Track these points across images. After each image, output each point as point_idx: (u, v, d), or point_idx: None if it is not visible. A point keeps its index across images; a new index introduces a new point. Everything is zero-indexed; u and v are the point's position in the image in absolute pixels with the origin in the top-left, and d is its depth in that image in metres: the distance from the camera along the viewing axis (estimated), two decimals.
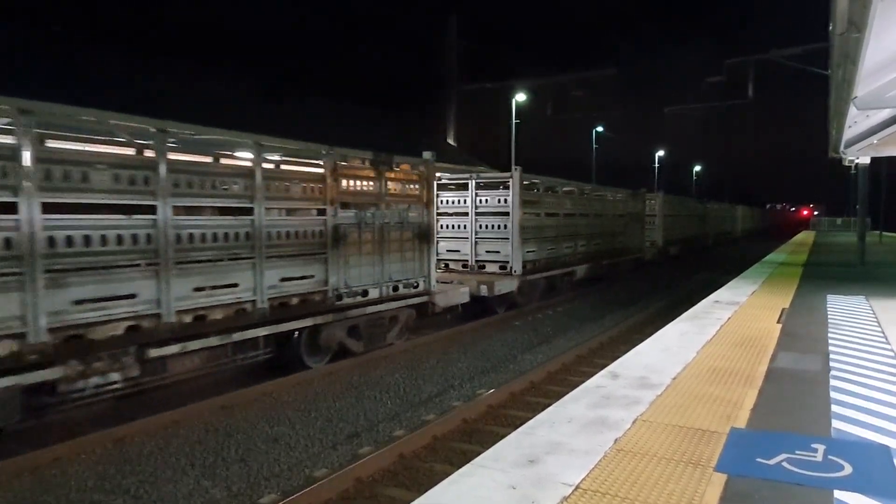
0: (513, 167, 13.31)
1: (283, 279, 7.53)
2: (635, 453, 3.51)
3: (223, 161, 7.20)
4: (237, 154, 7.54)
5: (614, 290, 17.43)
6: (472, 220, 13.37)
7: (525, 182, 13.40)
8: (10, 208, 5.12)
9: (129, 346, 5.93)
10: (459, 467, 3.39)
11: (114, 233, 5.83)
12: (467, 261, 13.43)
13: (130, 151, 6.27)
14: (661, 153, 56.55)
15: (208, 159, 7.08)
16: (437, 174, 10.49)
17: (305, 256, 7.83)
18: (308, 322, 7.88)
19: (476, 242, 13.42)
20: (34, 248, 5.22)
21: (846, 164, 16.88)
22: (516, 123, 30.12)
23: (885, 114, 9.94)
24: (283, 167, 8.06)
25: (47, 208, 5.32)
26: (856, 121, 10.70)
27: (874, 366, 5.42)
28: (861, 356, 5.77)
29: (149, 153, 6.24)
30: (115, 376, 5.89)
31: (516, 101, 30.19)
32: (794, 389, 4.75)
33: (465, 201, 13.44)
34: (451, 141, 36.22)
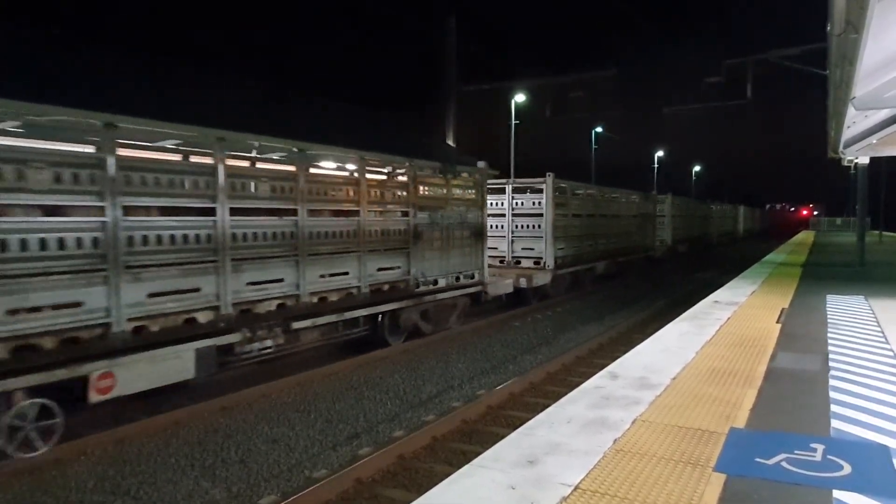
0: (547, 175, 14.73)
1: (379, 269, 9.21)
2: (634, 453, 3.51)
3: (335, 172, 8.88)
4: (347, 166, 9.11)
5: (614, 291, 17.44)
6: (509, 220, 15.02)
7: (561, 191, 15.35)
8: (210, 212, 6.70)
9: (278, 319, 7.54)
10: (459, 468, 3.39)
11: (271, 231, 7.49)
12: (504, 257, 14.96)
13: (285, 167, 8.02)
14: (660, 153, 56.67)
15: (330, 171, 8.79)
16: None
17: (394, 251, 9.54)
18: (395, 305, 9.50)
19: (512, 240, 15.10)
20: (225, 242, 6.83)
21: (845, 164, 16.90)
22: (516, 124, 30.14)
23: (883, 114, 9.95)
24: (378, 176, 9.53)
25: (233, 212, 6.92)
26: (854, 121, 10.71)
27: (874, 366, 5.43)
28: (860, 356, 5.78)
29: (290, 168, 7.93)
30: (268, 343, 7.52)
31: (515, 102, 30.22)
32: (793, 389, 4.75)
33: (502, 204, 14.96)
34: (450, 141, 36.27)
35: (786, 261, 17.91)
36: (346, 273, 8.55)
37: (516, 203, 15.04)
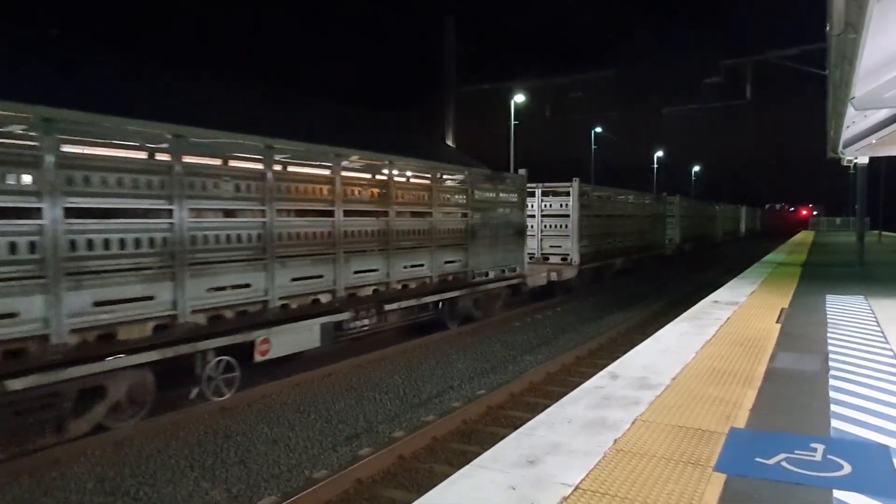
0: (573, 180, 16.47)
1: (445, 262, 10.83)
2: (635, 453, 3.51)
3: (413, 180, 10.49)
4: (424, 174, 10.84)
5: (614, 291, 17.44)
6: (539, 220, 16.61)
7: (586, 194, 17.16)
8: (329, 213, 8.29)
9: (374, 302, 9.15)
10: (459, 468, 3.39)
11: (370, 229, 9.08)
12: (534, 253, 16.35)
13: (380, 177, 9.54)
14: (659, 154, 56.70)
15: (412, 180, 10.45)
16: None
17: (456, 246, 11.19)
18: (456, 293, 11.11)
19: (541, 238, 16.70)
20: (339, 238, 8.44)
21: (845, 164, 16.91)
22: (515, 125, 30.15)
23: (883, 114, 9.96)
24: (447, 184, 11.38)
25: (345, 213, 8.51)
26: (854, 121, 10.72)
27: (873, 365, 5.43)
28: (860, 356, 5.78)
29: (384, 178, 9.48)
30: (366, 321, 9.13)
31: (515, 103, 30.22)
32: (793, 389, 4.75)
33: (532, 205, 16.23)
34: (449, 142, 36.25)
35: (785, 261, 17.91)
36: (422, 265, 10.27)
37: (545, 205, 16.66)
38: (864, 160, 15.62)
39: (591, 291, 16.98)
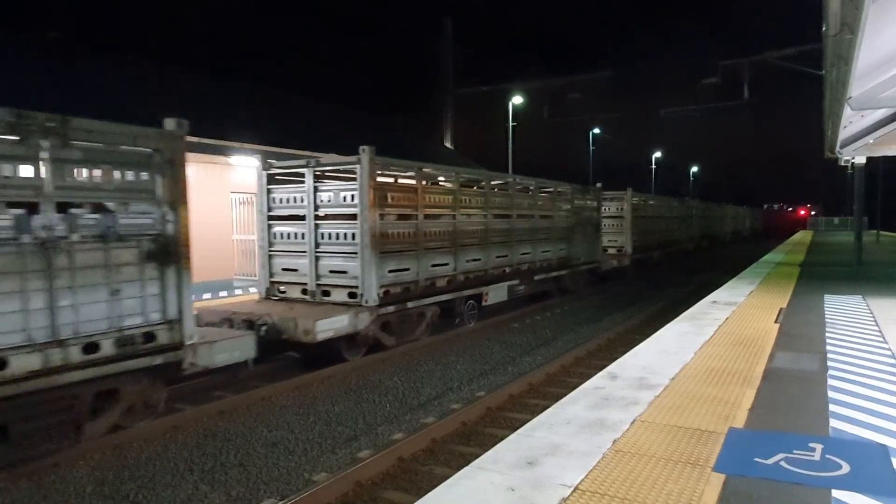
0: (627, 189, 20.73)
1: (560, 249, 15.41)
2: (634, 454, 3.51)
3: (542, 193, 15.01)
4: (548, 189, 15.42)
5: (613, 292, 17.45)
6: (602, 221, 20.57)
7: (634, 199, 21.46)
8: (509, 217, 13.04)
9: (527, 274, 13.66)
10: (458, 470, 3.39)
11: (525, 226, 13.59)
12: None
13: (530, 192, 14.41)
14: (657, 154, 56.79)
15: (544, 192, 15.10)
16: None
17: (564, 239, 15.67)
18: (564, 272, 15.58)
19: (602, 235, 20.21)
20: (513, 233, 13.10)
21: (842, 163, 16.93)
22: (513, 126, 30.18)
23: (879, 113, 9.99)
24: (561, 194, 15.83)
25: (518, 216, 13.42)
26: (851, 121, 10.74)
27: (872, 365, 5.44)
28: (859, 356, 5.79)
29: (531, 192, 14.36)
30: (522, 287, 13.51)
31: (513, 105, 30.26)
32: (791, 389, 4.76)
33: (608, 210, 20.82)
34: (448, 144, 36.27)
35: (784, 260, 17.94)
36: (549, 251, 14.79)
37: (604, 209, 19.74)
38: (861, 160, 15.66)
39: (591, 292, 17.04)
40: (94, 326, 5.55)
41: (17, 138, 5.08)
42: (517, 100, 30.52)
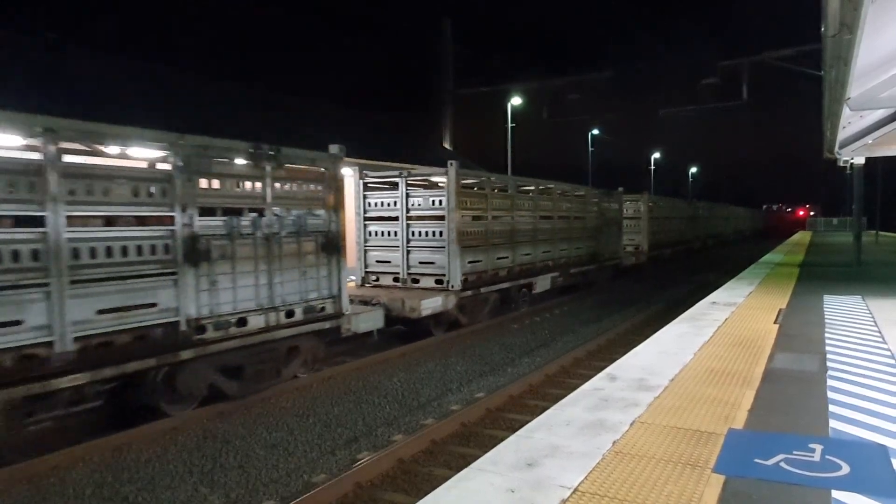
0: (644, 192, 23.32)
1: (588, 246, 17.23)
2: (633, 455, 3.51)
3: (575, 195, 16.76)
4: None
5: (613, 292, 17.45)
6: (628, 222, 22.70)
7: (650, 202, 23.79)
8: (551, 218, 15.01)
9: (566, 268, 15.49)
10: (458, 471, 3.39)
11: (561, 226, 15.31)
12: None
13: (568, 195, 16.31)
14: (657, 155, 56.83)
15: (575, 195, 16.85)
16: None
17: (588, 238, 17.22)
18: (591, 267, 17.38)
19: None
20: (555, 232, 15.12)
21: (841, 164, 16.93)
22: (512, 126, 30.17)
23: (878, 114, 9.99)
24: (590, 198, 17.80)
25: (559, 218, 15.34)
26: (850, 121, 10.74)
27: (871, 365, 5.44)
28: (858, 356, 5.79)
29: (570, 196, 16.42)
30: (561, 278, 15.33)
31: (512, 105, 30.25)
32: (791, 390, 4.76)
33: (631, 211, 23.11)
34: (447, 144, 36.26)
35: (783, 261, 17.94)
36: (581, 248, 16.66)
37: (625, 210, 21.90)
38: (860, 160, 15.65)
39: (591, 293, 17.04)
40: (292, 298, 7.60)
41: (252, 163, 7.05)
42: (516, 100, 30.53)
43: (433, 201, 11.27)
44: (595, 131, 43.62)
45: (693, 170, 68.10)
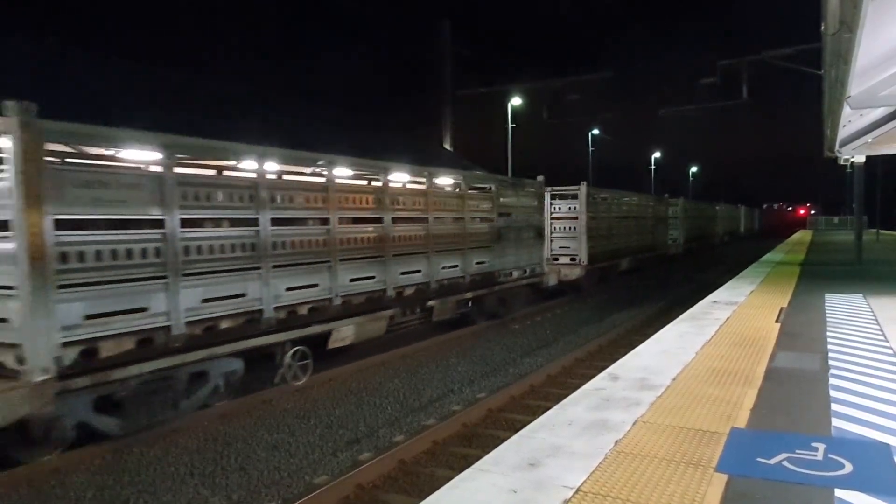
0: (680, 199, 27.72)
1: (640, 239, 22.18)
2: (636, 455, 3.50)
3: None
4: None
5: (614, 292, 17.44)
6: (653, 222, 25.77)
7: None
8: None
9: (628, 256, 20.53)
10: (460, 472, 3.38)
11: (630, 224, 21.47)
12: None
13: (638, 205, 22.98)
14: (657, 155, 56.84)
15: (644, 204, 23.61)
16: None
17: (647, 233, 23.12)
18: (657, 253, 23.75)
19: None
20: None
21: (841, 163, 16.92)
22: (512, 127, 30.19)
23: (878, 112, 9.98)
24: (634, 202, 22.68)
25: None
26: (850, 120, 10.74)
27: (873, 364, 5.42)
28: (860, 354, 5.78)
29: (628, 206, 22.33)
30: (624, 266, 20.59)
31: (512, 106, 30.27)
32: (793, 389, 4.75)
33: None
34: (447, 145, 36.28)
35: (784, 260, 17.93)
36: (636, 241, 21.32)
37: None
38: (860, 159, 15.64)
39: (592, 293, 17.03)
40: (522, 263, 13.00)
41: (504, 191, 12.73)
42: (516, 101, 30.54)
43: (569, 207, 17.00)
44: (595, 131, 43.64)
45: (693, 169, 68.10)
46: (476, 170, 25.24)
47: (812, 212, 73.44)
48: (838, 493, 3.01)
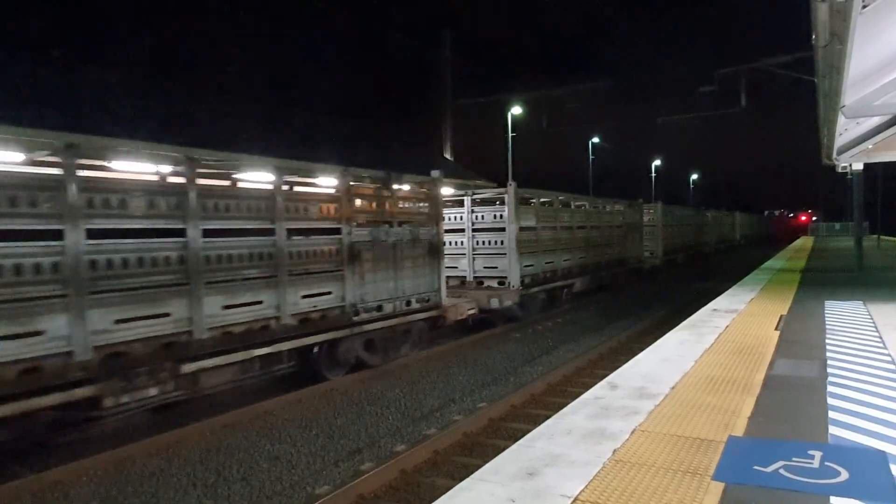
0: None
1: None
2: (634, 464, 3.53)
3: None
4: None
5: (614, 301, 17.46)
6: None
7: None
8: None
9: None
10: (461, 481, 3.41)
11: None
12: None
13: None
14: (657, 162, 56.99)
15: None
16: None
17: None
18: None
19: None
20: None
21: (839, 170, 16.97)
22: (512, 136, 30.32)
23: (874, 121, 10.05)
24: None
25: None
26: (846, 128, 10.81)
27: (872, 371, 5.45)
28: (859, 362, 5.80)
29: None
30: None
31: (512, 115, 30.42)
32: (791, 396, 4.78)
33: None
34: (447, 154, 36.42)
35: (784, 267, 17.95)
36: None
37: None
38: (858, 166, 15.69)
39: (592, 301, 17.05)
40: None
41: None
42: (516, 110, 30.71)
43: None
44: (595, 139, 43.82)
45: (694, 177, 68.23)
46: (477, 179, 25.36)
47: (813, 218, 73.44)
48: (833, 500, 3.04)
